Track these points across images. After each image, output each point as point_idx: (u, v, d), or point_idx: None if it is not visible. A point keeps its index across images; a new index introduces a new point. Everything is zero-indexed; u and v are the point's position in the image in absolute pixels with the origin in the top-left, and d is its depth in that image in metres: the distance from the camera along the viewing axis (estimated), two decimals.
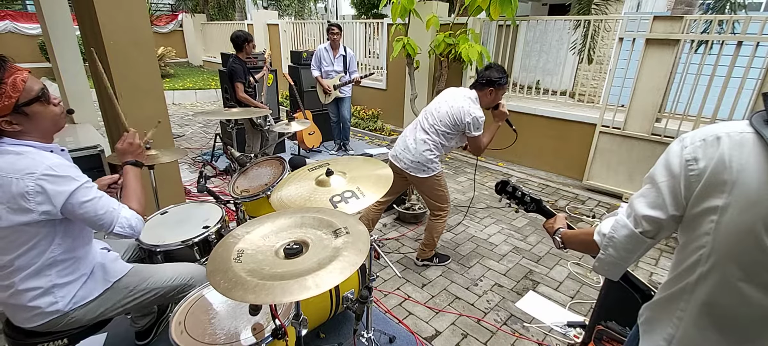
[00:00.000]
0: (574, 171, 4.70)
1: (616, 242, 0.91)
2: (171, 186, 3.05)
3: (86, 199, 1.30)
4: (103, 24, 2.45)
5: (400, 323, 2.37)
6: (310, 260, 1.06)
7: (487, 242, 3.34)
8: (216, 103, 9.30)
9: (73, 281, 1.42)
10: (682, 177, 0.79)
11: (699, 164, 0.77)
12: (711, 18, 4.05)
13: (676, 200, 0.81)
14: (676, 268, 0.87)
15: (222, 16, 15.11)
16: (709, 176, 0.75)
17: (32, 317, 1.37)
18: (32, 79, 1.24)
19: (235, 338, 1.33)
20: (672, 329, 0.87)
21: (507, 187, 1.45)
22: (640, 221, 0.86)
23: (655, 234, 0.86)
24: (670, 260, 3.25)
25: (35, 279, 1.33)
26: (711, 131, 0.78)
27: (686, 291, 0.84)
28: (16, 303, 1.35)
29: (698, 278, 0.81)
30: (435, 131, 2.55)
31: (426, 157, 2.54)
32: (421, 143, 2.55)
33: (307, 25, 9.05)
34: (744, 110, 3.69)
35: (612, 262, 0.93)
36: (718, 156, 0.75)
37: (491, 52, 5.41)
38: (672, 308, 0.88)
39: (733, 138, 0.75)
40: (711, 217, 0.76)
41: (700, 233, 0.79)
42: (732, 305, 0.78)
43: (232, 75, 4.05)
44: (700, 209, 0.77)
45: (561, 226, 1.27)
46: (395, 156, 2.67)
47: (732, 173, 0.73)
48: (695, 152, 0.78)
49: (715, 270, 0.78)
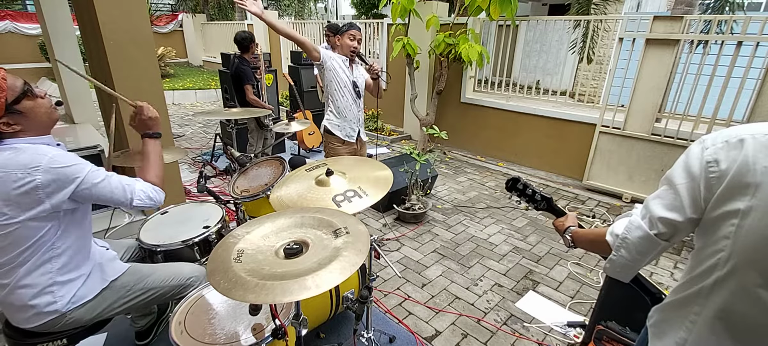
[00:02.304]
0: (574, 171, 4.70)
1: (629, 244, 0.88)
2: (171, 186, 3.03)
3: (98, 179, 1.33)
4: (103, 24, 2.45)
5: (400, 323, 2.37)
6: (310, 260, 1.06)
7: (487, 242, 3.34)
8: (216, 104, 9.30)
9: (73, 280, 1.42)
10: (702, 179, 0.77)
11: (720, 166, 0.75)
12: (711, 18, 4.05)
13: (695, 202, 0.79)
14: (691, 271, 0.84)
15: (222, 16, 15.11)
16: (731, 179, 0.73)
17: (30, 317, 1.37)
18: (11, 76, 1.24)
19: (235, 338, 1.33)
20: (684, 333, 0.85)
21: (517, 184, 1.45)
22: (655, 223, 0.84)
23: (671, 237, 0.84)
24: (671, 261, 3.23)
25: (36, 276, 1.33)
26: (734, 133, 0.76)
27: (701, 295, 0.82)
28: (15, 302, 1.34)
29: (715, 283, 0.79)
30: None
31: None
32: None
33: (307, 25, 9.05)
34: (744, 110, 3.69)
35: (624, 263, 0.91)
36: (741, 158, 0.72)
37: (491, 52, 5.42)
38: (685, 312, 0.85)
39: (758, 140, 0.72)
40: (732, 220, 0.73)
41: (719, 237, 0.76)
42: (749, 313, 0.76)
43: (240, 77, 3.99)
44: (720, 212, 0.75)
45: (572, 224, 1.25)
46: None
47: (756, 175, 0.70)
48: (716, 154, 0.76)
49: (734, 275, 0.76)
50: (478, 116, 5.58)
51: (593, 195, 4.35)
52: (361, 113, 2.89)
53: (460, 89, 5.67)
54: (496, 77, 5.57)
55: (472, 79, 5.71)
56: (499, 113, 5.34)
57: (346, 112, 2.76)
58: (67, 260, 1.38)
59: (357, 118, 2.84)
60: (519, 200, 1.51)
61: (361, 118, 2.89)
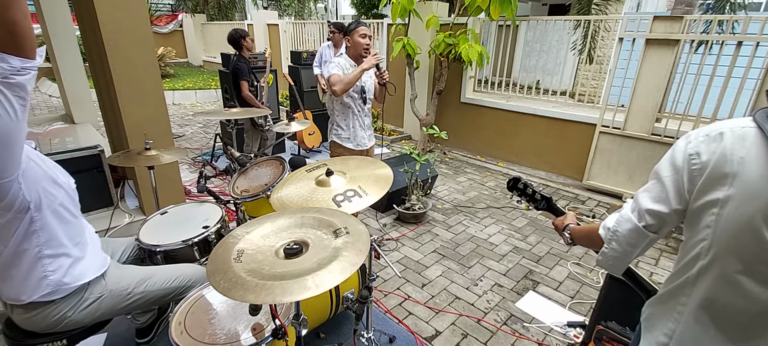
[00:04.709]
0: (574, 171, 4.70)
1: (620, 236, 0.92)
2: (171, 186, 3.05)
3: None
4: (103, 24, 2.45)
5: (400, 323, 2.37)
6: (310, 260, 1.06)
7: (487, 242, 3.34)
8: (216, 103, 9.30)
9: (60, 256, 1.38)
10: (685, 171, 0.81)
11: (701, 158, 0.78)
12: (711, 18, 4.05)
13: (680, 194, 0.82)
14: (678, 263, 0.88)
15: (222, 16, 15.12)
16: (711, 170, 0.77)
17: (21, 291, 1.33)
18: None
19: (235, 338, 1.33)
20: (673, 324, 0.89)
21: (518, 184, 1.47)
22: (643, 215, 0.88)
23: (659, 228, 0.87)
24: (670, 260, 3.24)
25: (23, 256, 1.30)
26: (715, 127, 0.80)
27: (687, 285, 0.85)
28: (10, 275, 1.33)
29: (699, 272, 0.82)
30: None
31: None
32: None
33: (307, 25, 9.05)
34: (744, 110, 3.69)
35: (615, 256, 0.94)
36: (720, 150, 0.76)
37: (491, 52, 5.42)
38: (673, 303, 0.89)
39: (735, 132, 0.76)
40: (712, 210, 0.77)
41: (701, 227, 0.80)
42: (731, 300, 0.79)
43: (236, 73, 4.02)
44: (702, 203, 0.79)
45: (571, 222, 1.27)
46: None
47: (733, 165, 0.74)
48: (698, 147, 0.80)
49: (715, 263, 0.79)
50: (478, 116, 5.58)
51: (593, 195, 4.35)
52: (369, 119, 2.80)
53: (460, 89, 5.67)
54: (496, 77, 5.57)
55: (472, 79, 5.71)
56: (499, 113, 5.34)
57: (355, 121, 2.67)
58: (51, 232, 1.33)
59: (365, 124, 2.75)
60: (520, 200, 1.52)
61: (368, 123, 2.80)
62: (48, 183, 1.30)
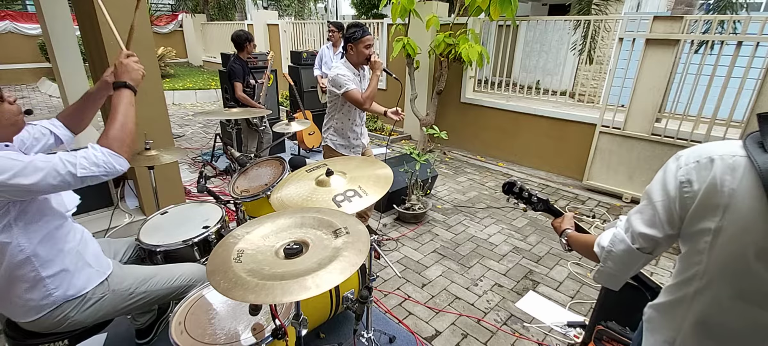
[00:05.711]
0: (574, 171, 4.70)
1: (614, 256, 0.92)
2: (171, 186, 3.05)
3: (28, 174, 1.12)
4: (103, 24, 2.45)
5: (400, 323, 2.37)
6: (310, 260, 1.06)
7: (487, 242, 3.34)
8: (216, 104, 9.30)
9: (59, 273, 1.38)
10: (677, 198, 0.81)
11: (693, 187, 0.78)
12: (711, 18, 4.05)
13: (671, 219, 0.83)
14: (678, 275, 0.88)
15: (222, 16, 15.12)
16: (702, 198, 0.77)
17: (29, 311, 1.35)
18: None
19: (235, 338, 1.33)
20: (674, 333, 0.90)
21: (513, 188, 1.46)
22: (636, 238, 0.88)
23: (652, 250, 0.88)
24: (670, 260, 3.22)
25: (20, 275, 1.29)
26: (705, 152, 0.79)
27: (685, 301, 0.86)
28: (13, 300, 1.34)
29: (695, 292, 0.83)
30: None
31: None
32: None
33: (307, 26, 9.05)
34: (744, 110, 3.69)
35: (611, 273, 0.95)
36: (710, 179, 0.75)
37: (491, 52, 5.42)
38: (673, 314, 0.90)
39: (725, 161, 0.75)
40: (705, 238, 0.78)
41: (696, 250, 0.81)
42: (727, 321, 0.81)
43: (231, 74, 4.07)
44: (695, 229, 0.79)
45: (568, 226, 1.26)
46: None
47: (724, 197, 0.74)
48: (689, 174, 0.79)
49: (709, 288, 0.80)
50: (478, 116, 5.58)
51: (593, 195, 4.35)
52: (364, 126, 2.94)
53: (460, 89, 5.67)
54: (496, 77, 5.57)
55: (472, 79, 5.71)
56: (499, 113, 5.34)
57: (352, 127, 2.78)
58: (44, 254, 1.32)
59: (361, 131, 2.89)
60: (516, 203, 1.52)
61: (364, 131, 2.96)
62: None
